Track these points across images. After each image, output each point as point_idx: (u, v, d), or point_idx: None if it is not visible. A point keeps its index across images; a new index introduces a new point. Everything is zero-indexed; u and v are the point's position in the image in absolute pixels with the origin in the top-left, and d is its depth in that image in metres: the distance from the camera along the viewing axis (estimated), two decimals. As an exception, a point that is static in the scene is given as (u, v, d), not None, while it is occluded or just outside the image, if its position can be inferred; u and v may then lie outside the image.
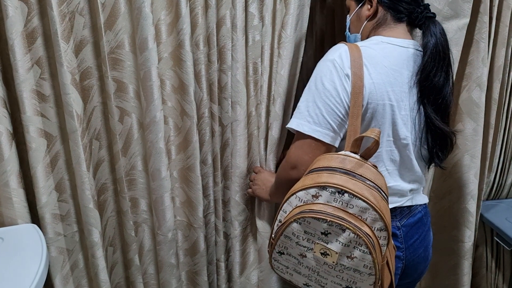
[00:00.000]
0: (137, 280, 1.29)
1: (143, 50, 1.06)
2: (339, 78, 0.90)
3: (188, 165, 1.22)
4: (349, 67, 0.89)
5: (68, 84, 1.02)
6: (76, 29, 1.05)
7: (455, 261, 1.47)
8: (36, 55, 1.02)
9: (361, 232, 0.79)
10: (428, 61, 0.92)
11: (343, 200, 0.81)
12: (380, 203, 0.80)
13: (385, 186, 0.84)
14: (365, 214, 0.80)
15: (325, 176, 0.83)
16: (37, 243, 0.97)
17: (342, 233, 0.80)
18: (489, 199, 1.60)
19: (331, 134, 0.92)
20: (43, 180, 1.08)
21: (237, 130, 1.21)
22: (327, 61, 0.93)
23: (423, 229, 1.04)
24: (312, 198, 0.83)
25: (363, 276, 0.83)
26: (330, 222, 0.80)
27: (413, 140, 0.98)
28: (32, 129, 1.05)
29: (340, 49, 0.92)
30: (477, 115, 1.32)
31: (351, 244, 0.80)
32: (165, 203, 1.20)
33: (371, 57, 0.91)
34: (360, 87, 0.88)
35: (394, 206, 0.99)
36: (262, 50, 1.17)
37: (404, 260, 1.00)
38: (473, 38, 1.27)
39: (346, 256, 0.82)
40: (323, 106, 0.91)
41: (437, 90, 0.94)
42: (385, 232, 0.81)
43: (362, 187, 0.81)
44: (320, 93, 0.91)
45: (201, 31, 1.12)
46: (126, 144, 1.18)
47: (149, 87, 1.09)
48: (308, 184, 0.84)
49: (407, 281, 1.06)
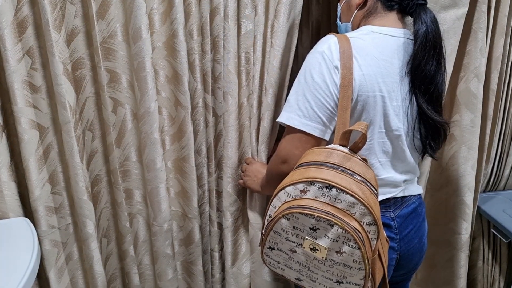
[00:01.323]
0: (132, 271, 1.29)
1: (136, 40, 1.04)
2: (328, 71, 0.88)
3: (182, 155, 1.21)
4: (338, 59, 0.88)
5: (60, 74, 1.00)
6: (67, 18, 1.03)
7: (451, 253, 1.47)
8: (27, 45, 1.01)
9: (349, 227, 0.78)
10: (418, 49, 0.91)
11: (331, 195, 0.80)
12: (369, 197, 0.79)
13: (374, 179, 0.83)
14: (354, 209, 0.79)
15: (312, 171, 0.82)
16: (29, 237, 0.96)
17: (331, 228, 0.79)
18: (486, 191, 1.59)
19: (321, 127, 0.90)
20: (36, 172, 1.07)
21: (229, 120, 1.20)
22: (316, 53, 0.91)
23: (417, 220, 1.04)
24: (300, 193, 0.82)
25: (353, 271, 0.82)
26: (318, 218, 0.79)
27: (406, 131, 0.97)
28: (23, 121, 1.03)
29: (329, 41, 0.91)
30: (475, 106, 1.30)
31: (339, 239, 0.80)
32: (161, 194, 1.19)
33: (360, 48, 0.90)
34: (349, 79, 0.87)
35: (388, 197, 0.98)
36: (255, 39, 1.15)
37: (398, 251, 1.00)
38: (471, 28, 1.25)
39: (335, 251, 0.81)
40: (312, 100, 0.89)
41: (428, 79, 0.93)
42: (374, 227, 0.80)
43: (350, 181, 0.80)
44: (309, 86, 0.90)
45: (194, 20, 1.10)
46: (119, 135, 1.17)
47: (143, 77, 1.07)
48: (296, 179, 0.83)
49: (402, 272, 1.06)
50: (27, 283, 0.83)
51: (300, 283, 0.92)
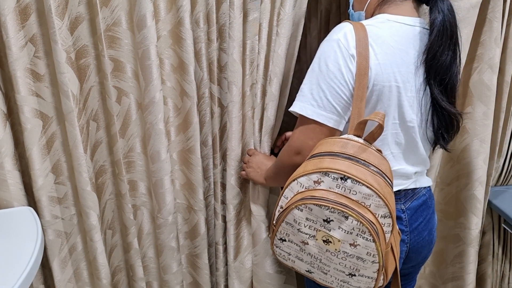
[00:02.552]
0: (136, 264, 1.28)
1: (141, 28, 1.02)
2: (344, 59, 0.86)
3: (188, 146, 1.19)
4: (354, 47, 0.85)
5: (63, 63, 0.98)
6: (71, 5, 1.01)
7: (461, 248, 1.44)
8: (29, 32, 0.99)
9: (364, 220, 0.76)
10: (435, 39, 0.88)
11: (346, 186, 0.78)
12: (384, 189, 0.78)
13: (389, 171, 0.82)
14: (369, 201, 0.78)
15: (327, 161, 0.80)
16: (32, 226, 0.96)
17: (345, 220, 0.78)
18: (497, 185, 1.56)
19: (335, 118, 0.88)
20: (39, 162, 1.06)
21: (233, 111, 1.17)
22: (331, 41, 0.88)
23: (427, 212, 1.02)
24: (314, 184, 0.81)
25: (366, 263, 0.81)
26: (332, 209, 0.78)
27: (419, 122, 0.94)
28: (26, 110, 1.02)
29: (345, 28, 0.87)
30: (488, 98, 1.27)
31: (354, 231, 0.78)
32: (165, 185, 1.17)
33: (377, 37, 0.87)
34: (365, 68, 0.84)
35: (399, 189, 0.96)
36: (260, 28, 1.12)
37: (408, 244, 0.98)
38: (486, 17, 1.21)
39: (349, 244, 0.80)
40: (327, 89, 0.87)
41: (444, 69, 0.90)
42: (389, 219, 0.79)
43: (366, 172, 0.78)
44: (324, 75, 0.87)
45: (201, 8, 1.08)
46: (124, 125, 1.15)
47: (147, 66, 1.05)
48: (310, 170, 0.81)
49: (410, 265, 1.04)
50: (31, 272, 0.83)
51: (311, 275, 0.90)
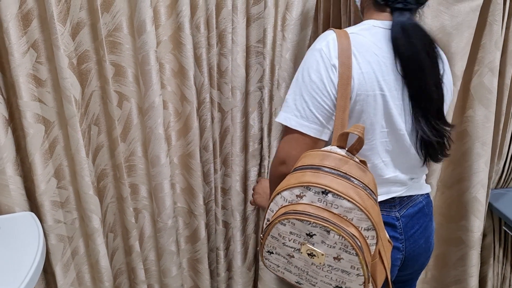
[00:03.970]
0: (138, 267, 1.28)
1: (141, 33, 1.03)
2: (326, 70, 0.86)
3: (188, 151, 1.19)
4: (336, 57, 0.85)
5: (65, 68, 0.99)
6: (72, 11, 1.02)
7: (463, 251, 1.44)
8: (31, 38, 1.00)
9: (346, 234, 0.76)
10: (397, 35, 0.87)
11: (327, 200, 0.78)
12: (366, 202, 0.77)
13: (372, 183, 0.81)
14: (351, 214, 0.77)
15: (308, 175, 0.80)
16: (34, 231, 0.96)
17: (327, 234, 0.77)
18: (497, 188, 1.56)
19: (318, 128, 0.88)
20: (41, 167, 1.06)
21: (237, 116, 1.18)
22: (314, 50, 0.89)
23: (424, 220, 1.01)
24: (296, 198, 0.80)
25: (352, 276, 0.80)
26: (314, 224, 0.77)
27: (409, 130, 0.93)
28: (29, 115, 1.03)
29: (328, 37, 0.88)
30: (489, 101, 1.27)
31: (336, 245, 0.78)
32: (165, 190, 1.18)
33: (360, 45, 0.86)
34: (348, 78, 0.84)
35: (393, 197, 0.96)
36: (265, 33, 1.13)
37: (404, 252, 0.97)
38: (486, 20, 1.21)
39: (333, 257, 0.79)
40: (310, 100, 0.87)
41: (419, 75, 0.89)
42: (373, 231, 0.78)
43: (347, 186, 0.77)
44: (306, 86, 0.87)
45: (202, 13, 1.08)
46: (125, 129, 1.16)
47: (147, 71, 1.06)
48: (292, 184, 0.81)
49: (408, 272, 1.04)
50: (33, 278, 0.83)
51: (301, 287, 0.90)
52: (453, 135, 0.97)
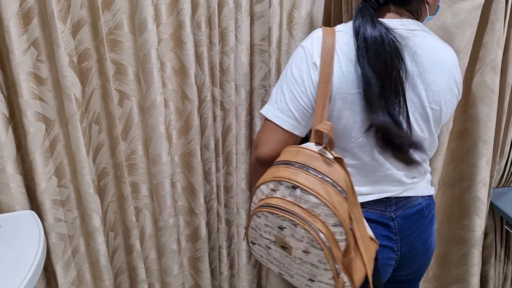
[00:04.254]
0: (138, 265, 1.28)
1: (142, 31, 1.02)
2: (307, 67, 0.87)
3: (189, 150, 1.19)
4: (318, 55, 0.86)
5: (66, 66, 0.99)
6: (73, 9, 1.01)
7: (465, 250, 1.44)
8: (32, 36, 0.99)
9: (310, 228, 0.77)
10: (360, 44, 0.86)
11: (296, 195, 0.80)
12: (333, 198, 0.78)
13: (343, 180, 0.81)
14: (318, 210, 0.79)
15: (281, 170, 0.82)
16: (35, 230, 0.96)
17: (295, 228, 0.79)
18: (499, 187, 1.55)
19: (292, 122, 0.89)
20: (42, 165, 1.06)
21: (242, 114, 1.18)
22: (300, 47, 0.90)
23: (422, 222, 1.00)
24: (271, 192, 0.83)
25: (320, 270, 0.82)
26: (283, 218, 0.80)
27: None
28: (29, 113, 1.02)
29: (314, 35, 0.89)
30: (491, 99, 1.26)
31: (304, 239, 0.80)
32: (166, 188, 1.18)
33: (344, 43, 0.86)
34: (328, 76, 0.85)
35: (389, 196, 0.95)
36: (270, 31, 1.13)
37: (399, 252, 0.97)
38: (488, 19, 1.21)
39: (302, 251, 0.81)
40: (287, 93, 0.89)
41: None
42: (340, 228, 0.79)
43: (315, 181, 0.79)
44: (288, 80, 0.89)
45: (203, 11, 1.08)
46: (126, 128, 1.15)
47: (148, 69, 1.05)
48: (268, 178, 0.84)
49: (406, 273, 1.03)
50: (33, 276, 0.83)
51: (283, 277, 0.93)
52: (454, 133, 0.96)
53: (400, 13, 0.91)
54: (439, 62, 0.89)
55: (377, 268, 0.93)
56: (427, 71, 0.88)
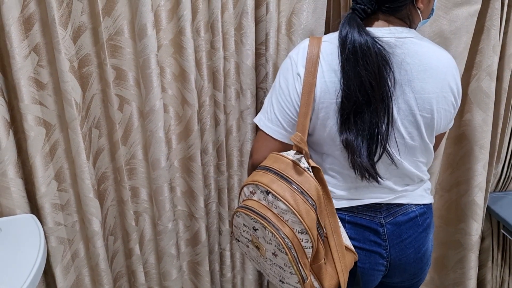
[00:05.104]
0: (138, 270, 1.28)
1: (142, 37, 1.03)
2: (292, 77, 0.90)
3: (189, 154, 1.20)
4: (302, 65, 0.88)
5: (66, 71, 1.00)
6: (74, 15, 1.02)
7: (462, 254, 1.45)
8: (33, 41, 1.00)
9: (277, 233, 0.81)
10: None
11: (268, 199, 0.84)
12: (300, 206, 0.81)
13: (314, 190, 0.84)
14: (286, 216, 0.82)
15: (259, 175, 0.86)
16: (35, 234, 0.96)
17: (265, 231, 0.83)
18: (496, 191, 1.57)
19: (280, 131, 0.93)
20: (42, 169, 1.07)
21: (248, 118, 1.20)
22: (288, 57, 0.93)
23: (415, 230, 0.99)
24: (250, 194, 0.87)
25: (287, 273, 0.85)
26: (255, 219, 0.83)
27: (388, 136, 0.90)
28: (30, 118, 1.03)
29: (300, 46, 0.91)
30: (487, 105, 1.28)
31: (272, 242, 0.83)
32: (165, 193, 1.18)
33: (328, 54, 0.88)
34: (311, 86, 0.87)
35: (379, 202, 0.96)
36: (267, 36, 1.14)
37: (388, 259, 0.98)
38: (484, 26, 1.23)
39: (271, 253, 0.85)
40: (276, 104, 0.92)
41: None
42: (306, 235, 0.82)
43: (286, 189, 0.82)
44: (276, 91, 0.93)
45: (202, 17, 1.09)
46: (126, 132, 1.16)
47: (148, 75, 1.06)
48: (249, 181, 0.88)
49: (398, 280, 1.04)
50: (34, 279, 0.84)
51: (264, 275, 0.97)
52: (450, 138, 0.97)
53: (390, 21, 0.91)
54: (430, 69, 0.89)
55: (356, 277, 0.95)
56: (416, 78, 0.88)
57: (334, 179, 0.96)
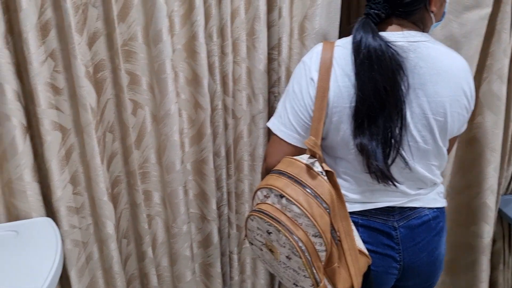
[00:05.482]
0: (150, 272, 1.29)
1: (157, 42, 1.05)
2: (306, 82, 0.90)
3: (202, 157, 1.21)
4: (316, 70, 0.88)
5: (82, 77, 1.01)
6: (89, 21, 1.04)
7: (473, 257, 1.45)
8: (50, 47, 1.02)
9: (291, 236, 0.82)
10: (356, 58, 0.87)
11: (282, 203, 0.84)
12: (314, 210, 0.82)
13: (328, 194, 0.84)
14: (300, 219, 0.83)
15: (273, 179, 0.87)
16: (52, 237, 0.97)
17: (279, 234, 0.84)
18: (507, 194, 1.56)
19: (294, 135, 0.93)
20: (58, 173, 1.08)
21: (260, 123, 1.20)
22: (301, 62, 0.94)
23: (428, 233, 0.99)
24: (264, 198, 0.88)
25: (300, 277, 0.86)
26: (269, 223, 0.84)
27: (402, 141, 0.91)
28: (46, 122, 1.04)
29: (314, 50, 0.92)
30: (498, 108, 1.28)
31: (286, 246, 0.84)
32: (179, 196, 1.20)
33: (341, 58, 0.88)
34: (325, 91, 0.87)
35: (391, 205, 0.96)
36: (280, 41, 1.15)
37: (401, 262, 0.98)
38: (495, 29, 1.23)
39: (285, 256, 0.85)
40: (289, 109, 0.93)
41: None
42: (320, 239, 0.83)
43: (300, 192, 0.83)
44: (289, 95, 0.93)
45: (214, 22, 1.11)
46: (139, 137, 1.18)
47: (163, 79, 1.08)
48: (262, 185, 0.88)
49: (411, 283, 1.04)
50: (52, 282, 0.84)
51: (278, 278, 0.98)
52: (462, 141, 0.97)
53: (403, 25, 0.91)
54: (443, 73, 0.89)
55: (369, 280, 0.95)
56: (429, 82, 0.88)
57: (348, 182, 0.96)
